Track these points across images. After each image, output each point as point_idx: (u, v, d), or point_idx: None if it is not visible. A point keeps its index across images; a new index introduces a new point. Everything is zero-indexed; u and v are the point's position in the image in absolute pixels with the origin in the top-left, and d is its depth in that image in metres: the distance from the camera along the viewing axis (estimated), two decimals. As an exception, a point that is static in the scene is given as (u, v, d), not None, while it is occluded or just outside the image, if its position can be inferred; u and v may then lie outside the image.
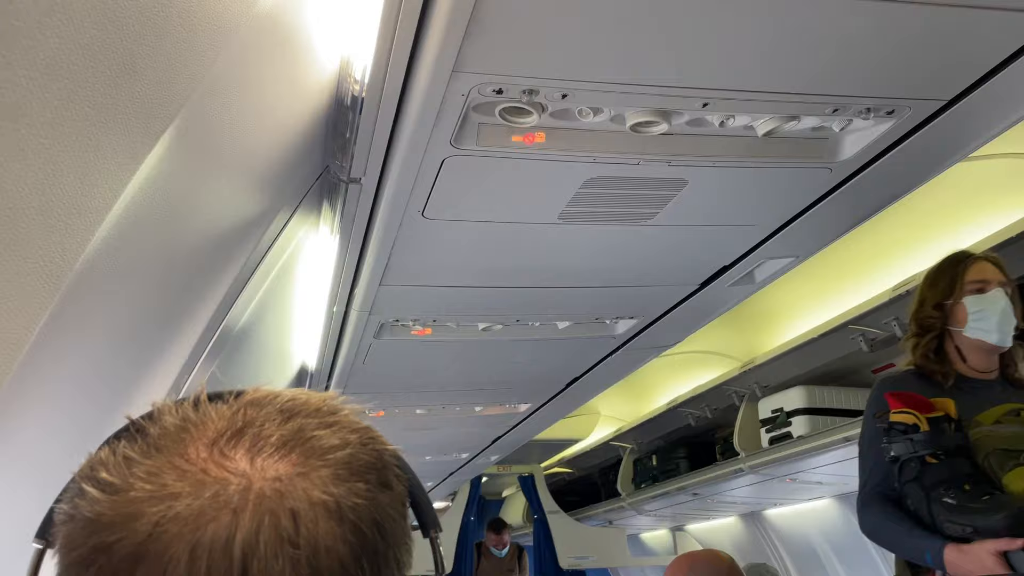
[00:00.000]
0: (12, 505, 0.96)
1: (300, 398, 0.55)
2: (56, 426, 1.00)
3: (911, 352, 1.93)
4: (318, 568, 0.47)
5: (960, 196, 2.53)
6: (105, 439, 0.54)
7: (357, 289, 2.03)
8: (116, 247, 0.85)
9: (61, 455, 0.98)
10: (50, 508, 0.56)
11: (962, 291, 1.84)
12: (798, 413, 3.68)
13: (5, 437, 0.89)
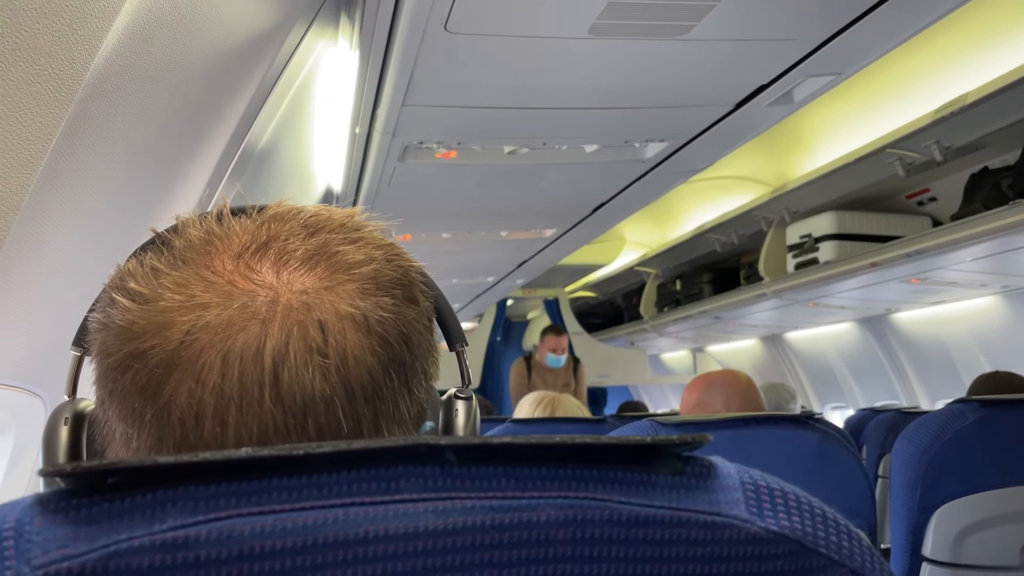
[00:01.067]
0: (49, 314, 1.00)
1: (323, 214, 0.55)
2: (84, 238, 1.01)
3: None
4: (347, 377, 0.48)
5: (1012, 11, 2.36)
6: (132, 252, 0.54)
7: (379, 109, 1.98)
8: (128, 57, 0.82)
9: (92, 266, 1.00)
10: (84, 317, 0.57)
11: None
12: (827, 239, 3.67)
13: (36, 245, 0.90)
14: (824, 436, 1.56)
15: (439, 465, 0.38)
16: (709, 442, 0.41)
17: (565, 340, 5.46)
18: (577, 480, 0.39)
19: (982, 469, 1.56)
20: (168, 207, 1.36)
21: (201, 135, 1.44)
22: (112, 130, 0.93)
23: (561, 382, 5.48)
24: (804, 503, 0.42)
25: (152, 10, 0.83)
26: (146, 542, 0.34)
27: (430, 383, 0.56)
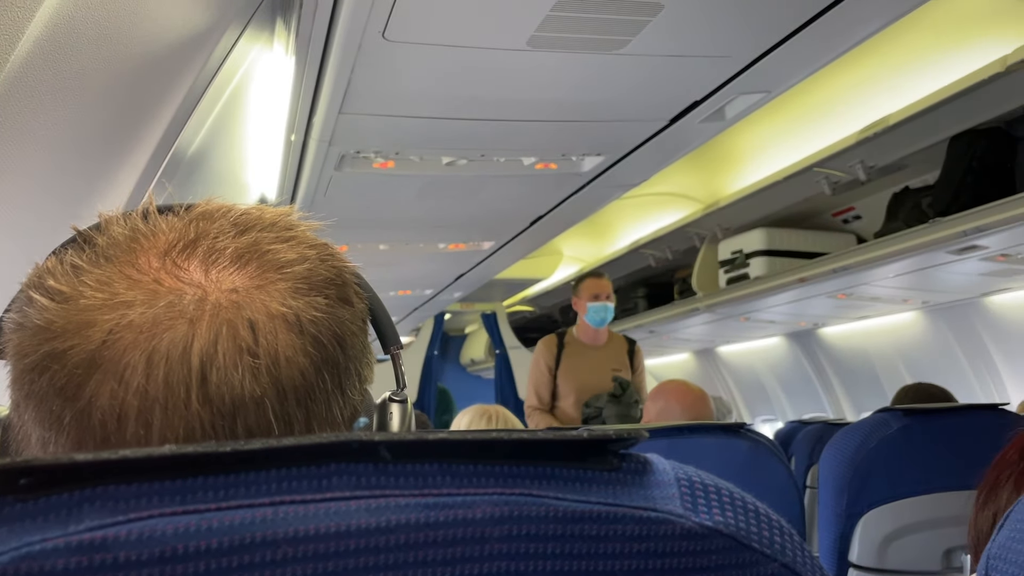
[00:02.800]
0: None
1: (254, 212, 0.53)
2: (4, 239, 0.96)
3: None
4: (279, 378, 0.47)
5: (931, 35, 2.47)
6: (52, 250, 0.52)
7: (316, 117, 1.95)
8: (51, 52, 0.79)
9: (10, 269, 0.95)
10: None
11: None
12: (757, 255, 3.77)
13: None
14: (756, 445, 1.59)
15: (372, 463, 0.37)
16: (645, 438, 0.41)
17: (610, 286, 3.57)
18: (513, 477, 0.38)
19: (905, 476, 1.61)
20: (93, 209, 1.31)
21: (129, 137, 1.39)
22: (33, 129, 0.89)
23: (610, 367, 3.49)
24: (738, 499, 0.42)
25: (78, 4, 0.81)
26: (60, 544, 0.32)
27: (364, 386, 0.55)
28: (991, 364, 3.62)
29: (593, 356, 3.56)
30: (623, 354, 3.62)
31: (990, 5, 2.29)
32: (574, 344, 3.60)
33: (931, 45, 2.51)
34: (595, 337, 3.58)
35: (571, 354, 3.56)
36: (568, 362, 3.53)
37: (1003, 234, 2.51)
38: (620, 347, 3.65)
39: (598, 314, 3.52)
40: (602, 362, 3.55)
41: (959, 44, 2.44)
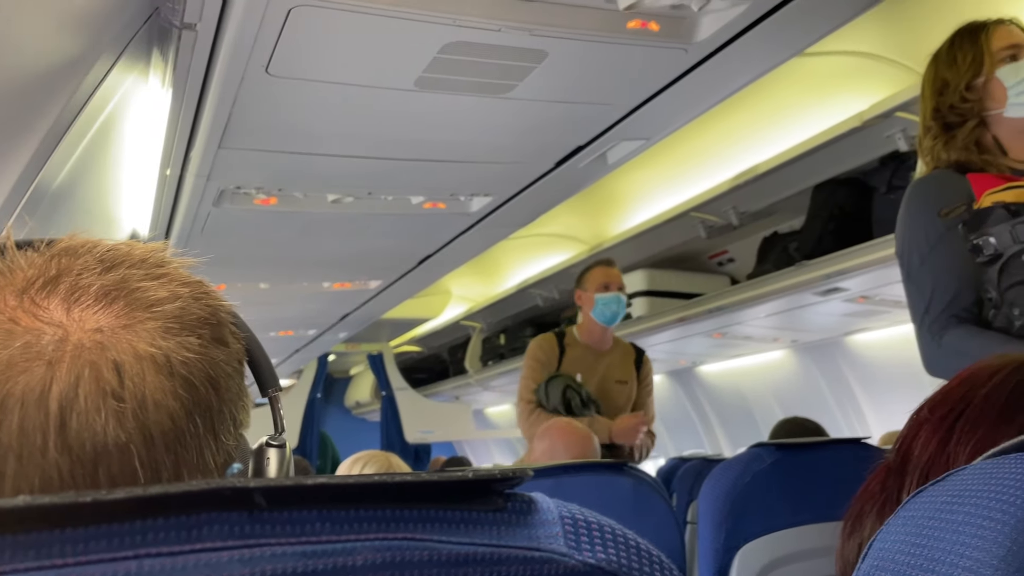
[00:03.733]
0: None
1: (122, 248, 0.51)
2: None
3: (940, 152, 1.50)
4: (146, 423, 0.45)
5: (796, 91, 2.66)
6: None
7: (193, 151, 1.89)
8: None
9: None
10: None
11: (993, 63, 1.45)
12: (639, 295, 3.89)
13: None
14: (638, 482, 1.62)
15: (247, 510, 0.35)
16: (530, 477, 0.41)
17: (620, 276, 3.05)
18: (396, 521, 0.37)
19: (779, 509, 1.68)
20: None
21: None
22: None
23: (615, 378, 2.98)
24: (619, 536, 0.43)
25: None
26: None
27: (239, 431, 0.53)
28: (854, 399, 3.85)
29: (597, 363, 2.96)
30: (630, 364, 3.03)
31: (849, 65, 2.48)
32: (576, 347, 2.96)
33: (797, 100, 2.70)
34: (601, 339, 2.98)
35: (573, 358, 2.93)
36: (569, 366, 2.92)
37: (862, 277, 2.70)
38: (627, 355, 3.05)
39: (608, 307, 2.90)
40: (607, 371, 2.97)
41: (821, 100, 2.63)
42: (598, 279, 2.97)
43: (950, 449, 0.64)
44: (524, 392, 2.89)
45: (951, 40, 1.53)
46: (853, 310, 3.16)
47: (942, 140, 1.50)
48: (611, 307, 2.92)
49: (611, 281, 2.96)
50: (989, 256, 1.33)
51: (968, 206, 1.39)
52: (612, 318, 2.93)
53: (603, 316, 2.93)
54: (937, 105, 1.51)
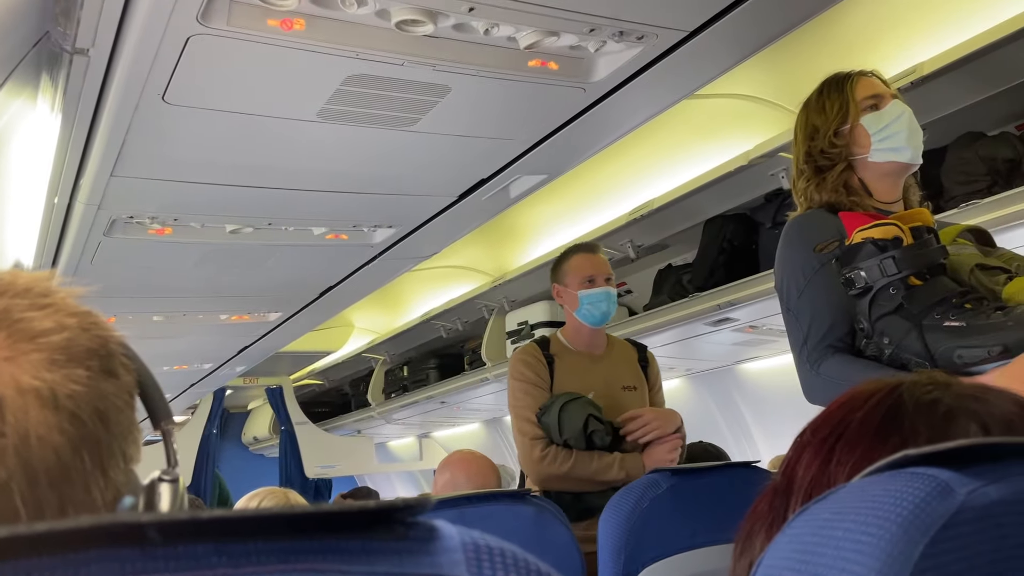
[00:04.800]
0: None
1: (5, 278, 0.49)
2: None
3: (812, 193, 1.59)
4: (28, 459, 0.43)
5: (688, 131, 2.78)
6: None
7: (83, 179, 1.82)
8: None
9: None
10: None
11: (857, 112, 1.57)
12: (541, 326, 3.94)
13: None
14: (540, 510, 1.64)
15: (138, 546, 0.34)
16: (431, 505, 0.42)
17: (607, 264, 2.46)
18: (296, 552, 0.37)
19: (676, 533, 1.72)
20: None
21: None
22: None
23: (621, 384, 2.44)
24: (520, 561, 0.44)
25: None
26: None
27: (129, 466, 0.51)
28: (744, 425, 4.00)
29: (595, 370, 2.40)
30: (634, 364, 2.49)
31: (736, 107, 2.62)
32: (565, 355, 2.40)
33: (689, 139, 2.82)
34: (592, 341, 2.42)
35: (566, 369, 2.37)
36: (564, 379, 2.34)
37: (750, 308, 2.82)
38: (628, 356, 2.50)
39: (597, 306, 2.35)
40: (610, 377, 2.41)
41: (711, 140, 2.76)
42: (580, 271, 2.37)
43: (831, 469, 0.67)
44: (523, 424, 2.27)
45: (820, 89, 1.62)
46: (742, 339, 3.29)
47: (814, 182, 1.59)
48: (600, 306, 2.36)
49: (597, 273, 2.38)
50: (860, 288, 1.41)
51: (840, 242, 1.48)
52: (602, 318, 2.37)
53: (591, 317, 2.36)
54: (808, 149, 1.60)
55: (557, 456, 2.18)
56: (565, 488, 2.21)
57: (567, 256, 2.43)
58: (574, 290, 2.36)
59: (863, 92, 1.58)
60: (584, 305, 2.35)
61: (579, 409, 2.19)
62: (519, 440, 2.28)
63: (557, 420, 2.19)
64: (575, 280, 2.37)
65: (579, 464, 2.18)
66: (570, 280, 2.38)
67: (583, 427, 2.16)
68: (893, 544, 0.41)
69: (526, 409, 2.26)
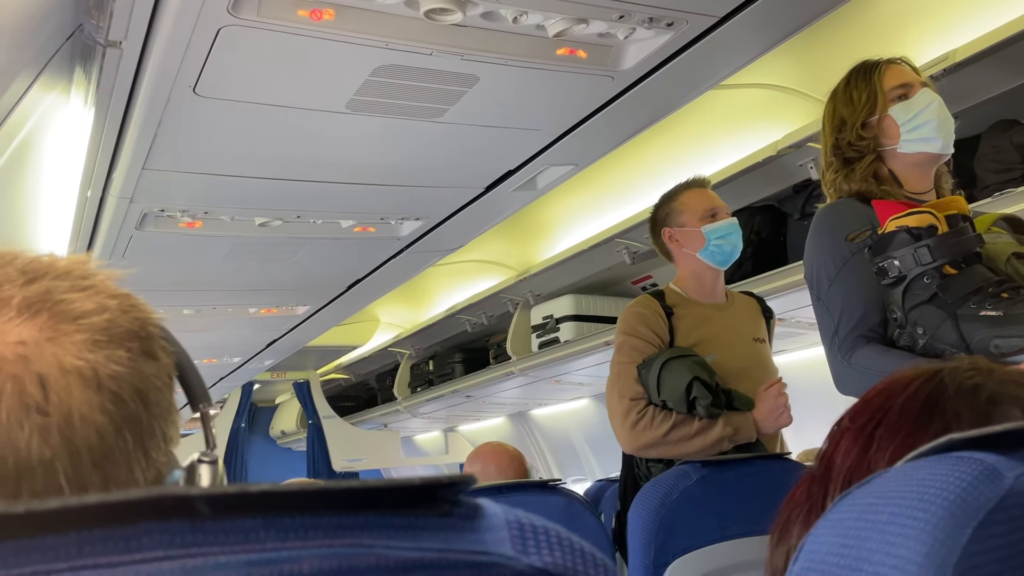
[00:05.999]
0: None
1: (44, 259, 0.50)
2: None
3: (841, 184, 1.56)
4: (72, 438, 0.44)
5: (715, 122, 2.76)
6: None
7: (116, 172, 1.84)
8: None
9: None
10: None
11: (885, 102, 1.53)
12: (566, 320, 3.93)
13: None
14: (570, 501, 1.64)
15: (188, 519, 0.35)
16: (475, 482, 0.42)
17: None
18: (342, 527, 0.37)
19: (706, 525, 1.71)
20: None
21: None
22: None
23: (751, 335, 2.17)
24: (565, 540, 0.43)
25: None
26: None
27: (169, 447, 0.52)
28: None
29: (722, 320, 2.11)
30: (758, 316, 2.21)
31: (763, 97, 2.59)
32: (686, 305, 2.10)
33: (716, 130, 2.80)
34: (714, 288, 2.15)
35: (689, 321, 2.07)
36: (688, 332, 2.05)
37: (778, 300, 2.79)
38: (751, 306, 2.23)
39: (728, 239, 2.09)
40: (739, 327, 2.13)
41: (738, 130, 2.74)
42: (699, 206, 2.11)
43: (870, 455, 0.67)
44: (622, 384, 2.00)
45: (847, 79, 1.59)
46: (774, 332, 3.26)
47: (842, 173, 1.57)
48: (731, 239, 2.09)
49: (718, 206, 2.13)
50: (894, 278, 1.39)
51: (872, 231, 1.46)
52: (732, 253, 2.10)
53: (720, 254, 2.09)
54: (836, 141, 1.58)
55: (654, 418, 1.94)
56: (663, 455, 1.96)
57: (675, 195, 2.15)
58: (695, 227, 2.08)
59: (891, 81, 1.55)
60: (711, 241, 2.07)
61: (684, 369, 1.92)
62: (613, 402, 2.02)
63: (657, 379, 1.94)
64: (694, 216, 2.10)
65: (679, 426, 1.93)
66: (687, 218, 2.10)
67: (685, 391, 1.90)
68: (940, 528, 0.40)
69: (628, 365, 2.00)
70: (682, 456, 1.92)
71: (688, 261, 2.12)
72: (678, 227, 2.11)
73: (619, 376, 2.02)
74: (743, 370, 2.04)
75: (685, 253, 2.12)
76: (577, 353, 3.83)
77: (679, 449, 1.94)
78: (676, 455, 1.94)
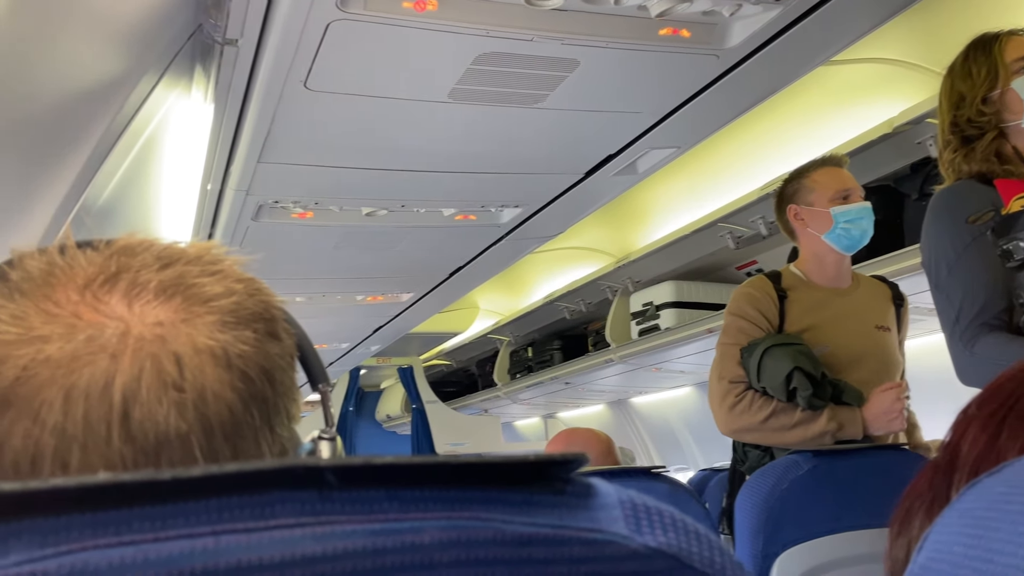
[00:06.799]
0: None
1: (178, 246, 0.53)
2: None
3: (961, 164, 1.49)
4: (206, 414, 0.46)
5: (825, 100, 2.65)
6: None
7: (233, 166, 1.93)
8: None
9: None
10: None
11: (1008, 75, 1.45)
12: (667, 307, 3.87)
13: None
14: (674, 488, 1.62)
15: (317, 489, 0.36)
16: (588, 461, 0.42)
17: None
18: (461, 501, 0.38)
19: (817, 516, 1.66)
20: None
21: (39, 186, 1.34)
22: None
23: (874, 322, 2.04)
24: (679, 520, 0.43)
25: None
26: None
27: (292, 424, 0.54)
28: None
29: (841, 305, 2.01)
30: (887, 303, 2.07)
31: (876, 72, 2.47)
32: (802, 289, 2.01)
33: (825, 108, 2.68)
34: (837, 272, 2.04)
35: (803, 305, 1.98)
36: (801, 317, 1.96)
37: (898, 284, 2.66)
38: (880, 293, 2.09)
39: (857, 223, 1.98)
40: (861, 314, 2.01)
41: (850, 107, 2.62)
42: (832, 185, 2.00)
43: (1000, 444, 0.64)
44: (724, 365, 1.96)
45: (965, 53, 1.52)
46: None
47: (962, 153, 1.50)
48: (861, 224, 1.97)
49: (851, 187, 2.01)
50: (1020, 260, 1.32)
51: (996, 212, 1.39)
52: (860, 238, 1.99)
53: (846, 239, 1.98)
54: (955, 119, 1.51)
55: (752, 403, 1.88)
56: (759, 442, 1.91)
57: (806, 172, 2.05)
58: (824, 208, 1.98)
59: (1014, 53, 1.47)
60: (839, 225, 1.96)
61: (786, 357, 1.84)
62: (713, 383, 1.98)
63: (758, 365, 1.87)
64: (824, 196, 1.99)
65: (779, 413, 1.85)
66: (816, 197, 2.00)
67: (785, 380, 1.82)
68: (1076, 521, 0.38)
69: (732, 347, 1.94)
70: (779, 445, 1.87)
71: (811, 242, 2.03)
72: (806, 205, 2.02)
73: (722, 357, 1.98)
74: (858, 359, 1.95)
75: (809, 233, 2.02)
76: (678, 340, 3.76)
77: (777, 438, 1.89)
78: (773, 443, 1.90)
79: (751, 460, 1.92)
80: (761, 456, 1.93)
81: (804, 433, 1.85)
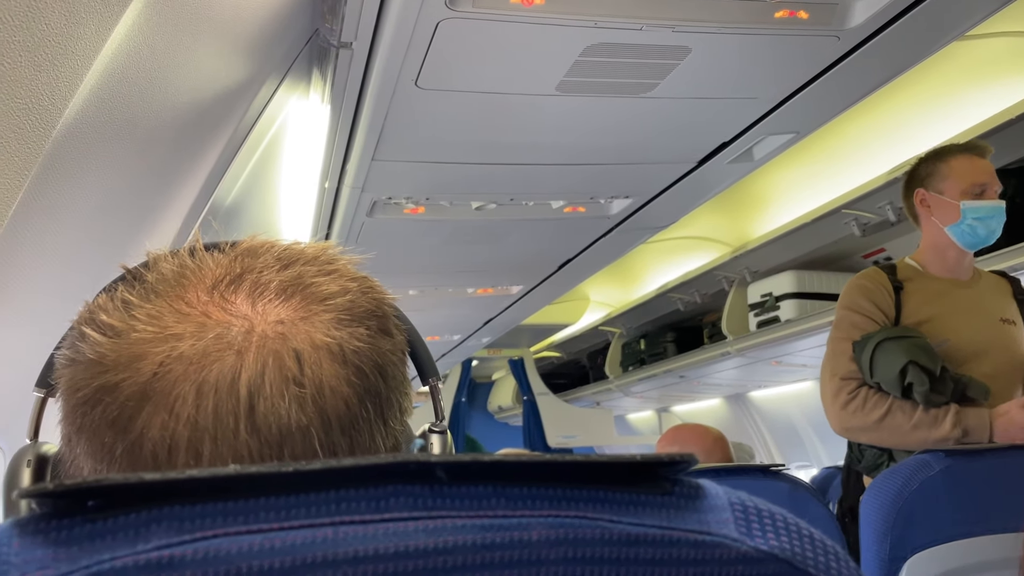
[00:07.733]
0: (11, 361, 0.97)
1: (296, 247, 0.55)
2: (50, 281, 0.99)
3: None
4: (323, 408, 0.48)
5: (956, 77, 2.48)
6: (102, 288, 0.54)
7: (349, 164, 2.00)
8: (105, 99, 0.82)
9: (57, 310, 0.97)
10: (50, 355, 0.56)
11: None
12: (787, 297, 3.73)
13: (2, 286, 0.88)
14: (795, 486, 1.56)
15: (428, 484, 0.37)
16: (696, 462, 0.41)
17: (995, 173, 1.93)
18: (567, 500, 0.38)
19: (949, 519, 1.57)
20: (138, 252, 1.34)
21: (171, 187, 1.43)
22: (86, 171, 0.92)
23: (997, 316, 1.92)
24: (792, 524, 0.42)
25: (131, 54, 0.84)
26: (129, 562, 0.32)
27: (404, 418, 0.55)
28: None
29: (962, 297, 1.91)
30: (1009, 297, 1.96)
31: (1013, 48, 2.29)
32: (919, 280, 1.91)
33: (955, 87, 2.52)
34: (957, 265, 1.94)
35: (921, 296, 1.88)
36: (919, 309, 1.86)
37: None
38: (1000, 286, 1.99)
39: (985, 223, 1.87)
40: (984, 306, 1.91)
41: (983, 85, 2.45)
42: (968, 176, 1.86)
43: None
44: (835, 361, 1.86)
45: None
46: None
47: None
48: (989, 223, 1.86)
49: (988, 182, 1.86)
50: None
51: None
52: (983, 239, 1.88)
53: (971, 236, 1.87)
54: None
55: (867, 401, 1.77)
56: (875, 443, 1.80)
57: (944, 156, 1.91)
58: (954, 199, 1.86)
59: None
60: (967, 220, 1.84)
61: (900, 351, 1.73)
62: (824, 379, 1.89)
63: (870, 359, 1.77)
64: (957, 186, 1.86)
65: (895, 412, 1.74)
66: (949, 186, 1.87)
67: (899, 375, 1.72)
68: None
69: (844, 342, 1.83)
70: (898, 447, 1.75)
71: (933, 232, 1.92)
72: (935, 192, 1.90)
73: (834, 353, 1.87)
74: (982, 352, 1.83)
75: (933, 222, 1.91)
76: (800, 333, 3.62)
77: (894, 439, 1.77)
78: (891, 445, 1.79)
79: (867, 459, 1.81)
80: (878, 455, 1.81)
81: (925, 436, 1.74)
